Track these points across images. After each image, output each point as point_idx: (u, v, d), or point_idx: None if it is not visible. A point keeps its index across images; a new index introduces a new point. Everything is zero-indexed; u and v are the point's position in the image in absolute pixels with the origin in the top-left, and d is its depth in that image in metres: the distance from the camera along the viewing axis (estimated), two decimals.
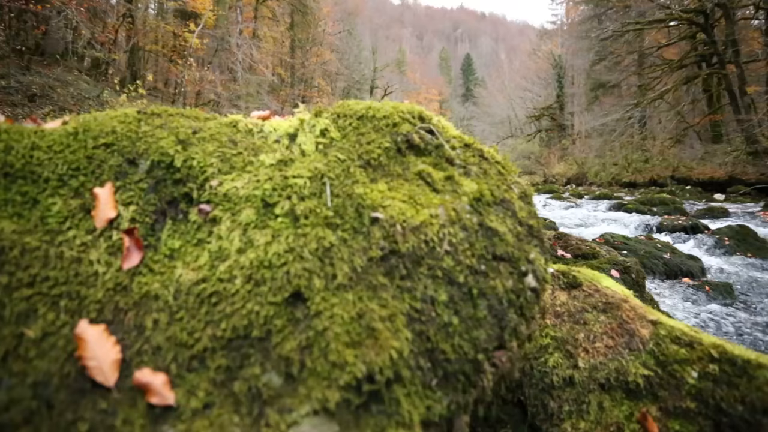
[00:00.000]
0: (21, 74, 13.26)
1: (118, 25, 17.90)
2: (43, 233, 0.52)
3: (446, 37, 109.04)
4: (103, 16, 18.41)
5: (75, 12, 9.06)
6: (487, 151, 0.72)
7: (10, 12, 10.81)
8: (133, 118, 0.67)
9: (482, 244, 0.57)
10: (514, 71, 47.91)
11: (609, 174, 23.35)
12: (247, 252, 0.52)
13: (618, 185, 21.81)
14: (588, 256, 2.55)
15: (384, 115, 0.68)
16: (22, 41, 13.36)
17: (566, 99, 34.44)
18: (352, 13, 42.37)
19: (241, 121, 0.71)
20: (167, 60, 20.81)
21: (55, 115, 12.95)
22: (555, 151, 33.81)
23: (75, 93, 14.71)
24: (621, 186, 21.42)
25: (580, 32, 30.96)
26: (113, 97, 15.23)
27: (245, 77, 24.68)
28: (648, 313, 0.87)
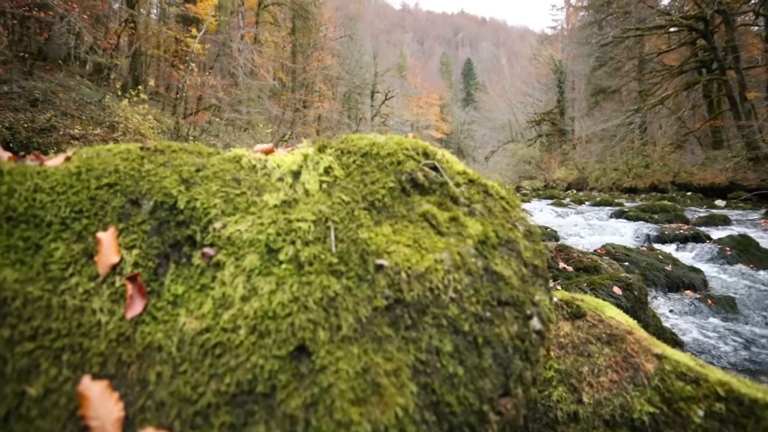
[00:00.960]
0: (23, 79, 13.31)
1: (120, 30, 17.97)
2: (45, 281, 0.52)
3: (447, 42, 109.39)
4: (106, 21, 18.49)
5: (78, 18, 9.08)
6: (491, 187, 0.72)
7: (14, 18, 10.86)
8: (136, 156, 0.66)
9: (487, 290, 0.56)
10: (515, 76, 48.01)
11: (610, 179, 23.34)
12: (251, 300, 0.52)
13: (619, 190, 21.81)
14: (589, 270, 2.54)
15: (388, 152, 0.68)
16: (24, 47, 13.44)
17: (567, 104, 34.51)
18: (353, 18, 42.53)
19: (244, 156, 0.71)
20: (169, 65, 20.89)
21: (57, 121, 12.99)
22: (555, 155, 33.84)
23: (77, 98, 14.75)
24: (622, 191, 21.42)
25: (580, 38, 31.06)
26: (115, 102, 15.29)
27: (246, 82, 24.76)
28: (653, 345, 0.86)
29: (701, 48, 19.83)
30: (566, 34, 38.57)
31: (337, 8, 39.07)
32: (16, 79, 12.91)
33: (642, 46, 24.54)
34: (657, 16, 21.74)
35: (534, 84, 40.58)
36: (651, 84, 22.40)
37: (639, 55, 24.23)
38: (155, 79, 20.47)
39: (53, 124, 12.91)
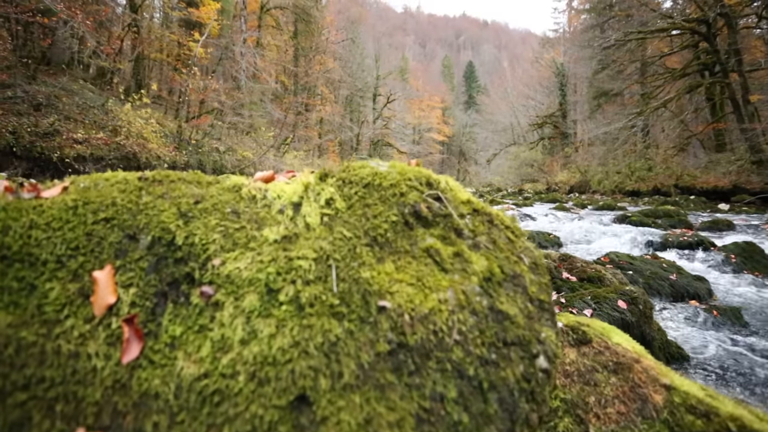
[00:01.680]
0: (27, 83, 13.36)
1: (123, 34, 18.05)
2: (40, 325, 0.50)
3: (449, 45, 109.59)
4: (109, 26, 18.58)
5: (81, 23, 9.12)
6: (496, 216, 0.70)
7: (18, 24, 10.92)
8: (134, 187, 0.65)
9: (493, 331, 0.55)
10: (517, 79, 48.01)
11: (612, 182, 23.30)
12: (250, 344, 0.50)
13: (621, 194, 21.76)
14: (593, 280, 2.52)
15: (390, 183, 0.66)
16: (28, 51, 13.50)
17: (569, 107, 34.47)
18: (355, 21, 42.63)
19: (244, 185, 0.69)
20: (172, 69, 20.96)
21: (60, 125, 13.04)
22: (558, 159, 33.80)
23: (80, 102, 14.81)
24: (624, 194, 21.37)
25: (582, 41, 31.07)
26: (118, 106, 15.34)
27: (249, 85, 24.82)
28: (661, 375, 0.84)
29: (704, 51, 19.79)
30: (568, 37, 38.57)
31: (339, 11, 39.20)
32: (19, 83, 12.97)
33: (644, 49, 24.52)
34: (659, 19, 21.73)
35: (536, 87, 40.58)
36: (653, 87, 22.38)
37: (641, 58, 24.21)
38: (158, 83, 20.54)
39: (57, 129, 12.96)
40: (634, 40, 21.95)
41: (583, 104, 32.11)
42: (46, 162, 12.34)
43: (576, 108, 33.49)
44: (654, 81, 22.37)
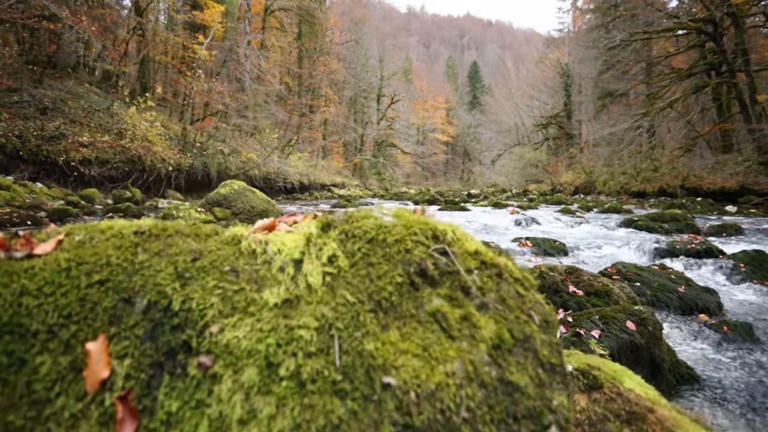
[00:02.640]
0: (33, 87, 13.45)
1: (128, 37, 18.13)
2: (29, 405, 0.48)
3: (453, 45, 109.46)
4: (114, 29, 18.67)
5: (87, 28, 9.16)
6: (504, 267, 0.68)
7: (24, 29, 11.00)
8: (131, 243, 0.63)
9: (502, 405, 0.52)
10: (521, 79, 47.87)
11: (617, 183, 23.16)
12: (249, 425, 0.48)
13: (627, 195, 21.63)
14: (600, 294, 2.48)
15: (395, 239, 0.64)
16: (35, 56, 13.58)
17: (573, 107, 34.32)
18: (359, 23, 42.64)
19: (243, 238, 0.67)
20: (176, 71, 21.03)
21: (66, 128, 13.11)
22: (562, 159, 33.66)
23: (86, 105, 14.89)
24: (630, 195, 21.23)
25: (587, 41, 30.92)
26: (123, 109, 15.41)
27: (253, 87, 24.86)
28: (676, 427, 0.81)
29: (710, 51, 19.63)
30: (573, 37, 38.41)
31: (343, 13, 39.24)
32: (26, 87, 13.04)
33: (650, 49, 24.36)
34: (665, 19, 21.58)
35: (540, 87, 40.45)
36: (659, 87, 22.22)
37: (647, 58, 24.06)
38: (163, 85, 20.62)
39: (62, 132, 13.03)
40: (640, 40, 21.81)
41: (588, 104, 31.96)
42: (52, 165, 12.41)
43: (581, 108, 33.34)
44: (660, 81, 22.21)
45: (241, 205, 5.44)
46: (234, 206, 5.36)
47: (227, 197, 5.38)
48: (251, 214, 5.47)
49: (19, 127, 11.83)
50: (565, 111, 35.34)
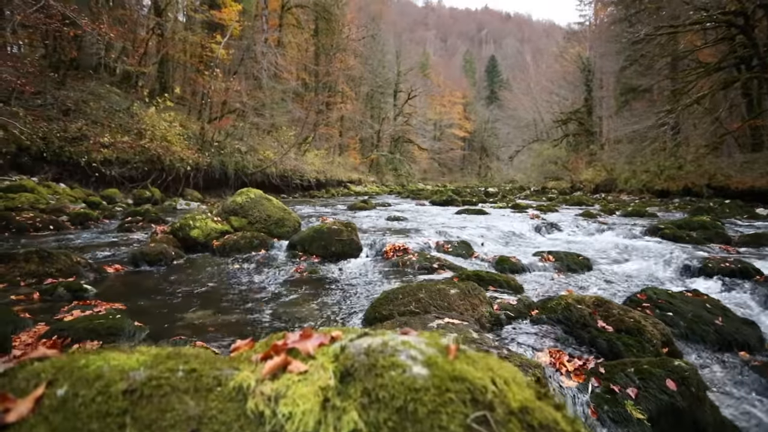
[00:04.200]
0: (56, 89, 13.68)
1: (147, 37, 18.31)
2: None
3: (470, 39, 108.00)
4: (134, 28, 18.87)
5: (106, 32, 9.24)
6: (553, 424, 0.56)
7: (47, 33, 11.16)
8: (118, 410, 0.54)
9: None
10: (540, 73, 46.99)
11: (640, 181, 22.56)
12: None
13: (649, 193, 21.05)
14: (632, 332, 2.33)
15: (428, 409, 0.53)
16: (58, 58, 13.79)
17: (594, 103, 33.52)
18: (375, 18, 42.33)
19: (250, 393, 0.57)
20: (194, 71, 21.18)
21: (88, 129, 13.31)
22: (583, 156, 32.95)
23: (106, 106, 15.10)
24: (653, 194, 20.66)
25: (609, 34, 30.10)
26: (143, 110, 15.58)
27: (270, 85, 24.89)
28: None
29: (740, 44, 18.86)
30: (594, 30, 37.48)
31: (359, 9, 38.99)
32: (49, 90, 13.26)
33: (676, 43, 23.56)
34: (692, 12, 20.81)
35: (560, 82, 39.60)
36: (685, 82, 21.47)
37: (672, 52, 23.27)
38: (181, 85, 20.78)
39: (84, 133, 13.23)
40: (666, 34, 21.09)
41: (609, 100, 31.18)
42: (75, 166, 12.62)
43: (602, 104, 32.55)
44: (686, 76, 21.45)
45: (257, 214, 5.39)
46: (250, 215, 5.31)
47: (243, 206, 5.33)
48: (267, 223, 5.42)
49: (43, 128, 12.04)
50: (585, 107, 34.54)
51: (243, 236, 4.90)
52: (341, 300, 3.05)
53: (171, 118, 15.58)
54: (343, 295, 3.17)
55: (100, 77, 16.54)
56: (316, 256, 4.57)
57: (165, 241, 4.68)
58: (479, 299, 2.52)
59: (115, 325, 2.17)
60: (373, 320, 2.38)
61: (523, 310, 2.72)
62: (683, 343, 2.56)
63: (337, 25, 31.91)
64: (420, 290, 2.44)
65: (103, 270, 3.84)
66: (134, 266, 4.11)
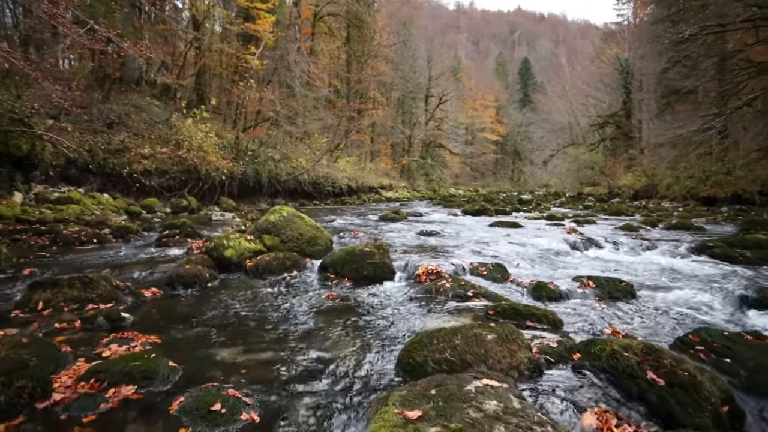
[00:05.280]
0: (101, 103, 14.33)
1: (186, 50, 18.93)
2: None
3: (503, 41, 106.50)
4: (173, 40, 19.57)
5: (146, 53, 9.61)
6: None
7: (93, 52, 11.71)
8: None
9: None
10: (576, 76, 45.76)
11: (683, 187, 21.55)
12: None
13: (694, 200, 20.08)
14: (686, 386, 2.15)
15: None
16: (104, 73, 14.43)
17: (633, 106, 32.30)
18: (406, 23, 42.36)
19: None
20: (229, 81, 21.74)
21: (129, 141, 13.86)
22: (621, 161, 31.79)
23: (147, 118, 15.70)
24: (697, 201, 19.70)
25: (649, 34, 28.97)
26: (180, 121, 16.11)
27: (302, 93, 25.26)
28: None
29: None
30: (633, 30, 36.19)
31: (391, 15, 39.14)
32: (95, 104, 13.88)
33: (723, 42, 22.40)
34: (742, 9, 19.71)
35: (597, 84, 38.40)
36: (734, 83, 20.36)
37: (720, 52, 22.13)
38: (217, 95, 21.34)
39: (126, 145, 13.79)
40: (712, 33, 20.08)
41: (650, 103, 29.94)
42: (117, 177, 13.16)
43: (642, 107, 31.30)
44: (735, 77, 20.33)
45: (289, 233, 5.43)
46: (283, 234, 5.36)
47: (276, 224, 5.38)
48: (299, 242, 5.46)
49: (89, 141, 12.62)
50: (623, 110, 33.31)
51: (276, 257, 4.93)
52: (374, 336, 2.99)
53: (207, 128, 16.02)
54: (376, 330, 3.11)
55: (141, 90, 17.24)
56: (348, 279, 4.53)
57: (200, 261, 4.76)
58: (517, 344, 2.40)
59: (149, 368, 2.18)
60: (407, 367, 2.30)
61: (564, 354, 2.57)
62: (745, 396, 2.36)
63: (368, 32, 32.12)
64: (455, 335, 2.34)
65: (140, 294, 3.93)
66: (170, 288, 4.19)
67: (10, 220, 8.32)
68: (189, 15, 19.71)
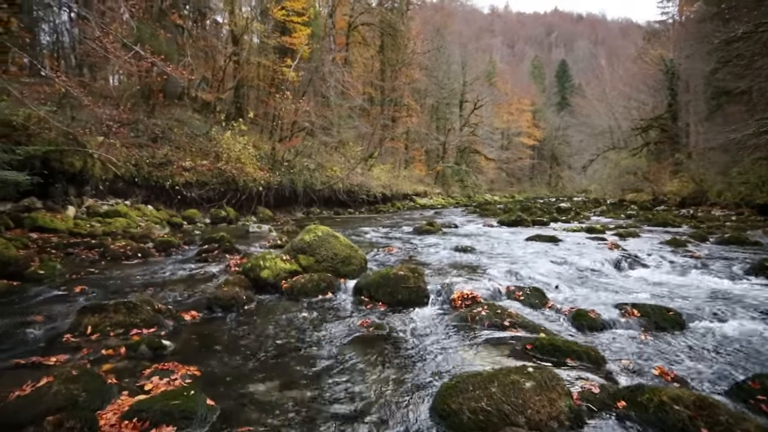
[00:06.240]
0: (146, 117, 15.00)
1: (225, 65, 19.58)
2: None
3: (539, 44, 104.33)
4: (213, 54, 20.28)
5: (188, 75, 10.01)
6: None
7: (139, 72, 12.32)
8: None
9: None
10: (616, 77, 44.20)
11: (737, 194, 20.32)
12: None
13: (748, 207, 18.89)
14: None
15: None
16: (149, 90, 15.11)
17: (680, 108, 30.83)
18: (440, 29, 42.23)
19: None
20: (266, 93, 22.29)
21: (172, 154, 14.42)
22: (666, 166, 30.36)
23: (188, 131, 16.32)
24: (752, 208, 18.53)
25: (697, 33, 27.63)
26: (219, 133, 16.64)
27: (337, 102, 25.58)
28: None
29: None
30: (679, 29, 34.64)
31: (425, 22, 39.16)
32: (141, 119, 14.54)
33: None
34: None
35: (639, 86, 36.90)
36: None
37: None
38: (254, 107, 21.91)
39: (169, 159, 14.34)
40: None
41: (698, 104, 28.50)
42: (160, 189, 13.71)
43: (689, 109, 29.83)
44: None
45: (324, 252, 5.48)
46: (318, 253, 5.41)
47: (311, 244, 5.43)
48: (334, 262, 5.50)
49: (135, 156, 13.23)
50: (669, 112, 31.85)
51: (310, 279, 4.97)
52: (409, 371, 2.95)
53: (245, 140, 16.48)
54: (411, 365, 3.07)
55: (183, 104, 17.94)
56: (382, 303, 4.52)
57: (237, 282, 4.86)
58: (557, 392, 2.30)
59: (188, 408, 2.23)
60: (443, 413, 2.25)
61: (607, 401, 2.45)
62: None
63: (402, 40, 32.23)
64: (492, 382, 2.27)
65: (180, 317, 4.05)
66: (209, 311, 4.30)
67: (64, 233, 8.80)
68: (228, 30, 20.39)
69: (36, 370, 2.89)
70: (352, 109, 28.18)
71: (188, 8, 19.84)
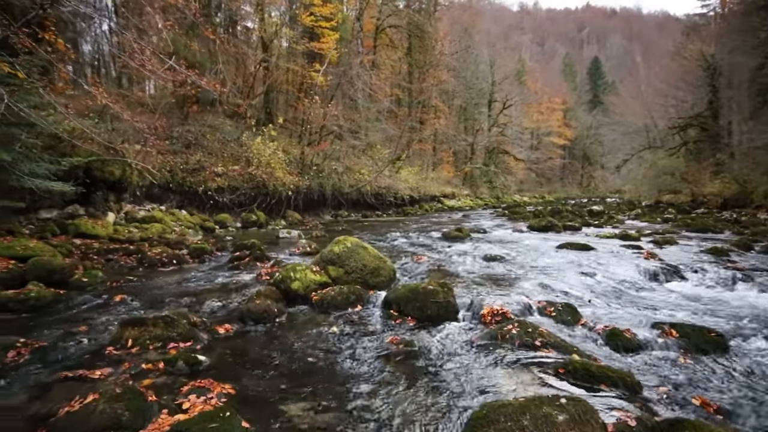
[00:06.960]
0: (180, 124, 15.48)
1: (255, 71, 19.98)
2: None
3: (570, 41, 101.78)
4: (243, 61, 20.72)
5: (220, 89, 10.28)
6: None
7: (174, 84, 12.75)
8: None
9: None
10: (653, 74, 42.67)
11: None
12: None
13: None
14: None
15: None
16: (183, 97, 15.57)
17: (722, 105, 29.46)
18: (468, 29, 41.81)
19: None
20: (295, 98, 22.62)
21: (204, 160, 14.83)
22: (706, 166, 29.05)
23: (220, 137, 16.73)
24: None
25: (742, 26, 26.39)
26: (250, 139, 17.00)
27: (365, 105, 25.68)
28: None
29: None
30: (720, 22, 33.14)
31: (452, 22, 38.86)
32: (176, 126, 15.01)
33: None
34: None
35: (677, 83, 35.44)
36: None
37: None
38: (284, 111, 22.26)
39: (202, 164, 14.74)
40: None
41: (741, 102, 27.19)
42: (193, 194, 14.11)
43: (732, 106, 28.49)
44: None
45: (353, 264, 5.54)
46: (347, 265, 5.47)
47: (340, 256, 5.50)
48: (363, 273, 5.55)
49: (170, 162, 13.67)
50: (709, 110, 30.47)
51: (340, 291, 5.03)
52: (439, 394, 2.94)
53: (275, 145, 16.77)
54: (440, 386, 3.07)
55: (216, 110, 18.41)
56: (411, 318, 4.52)
57: (268, 294, 4.96)
58: (591, 425, 2.25)
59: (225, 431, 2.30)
60: None
61: None
62: None
63: (429, 42, 32.11)
64: (524, 414, 2.25)
65: (215, 330, 4.17)
66: (242, 324, 4.42)
67: (105, 239, 9.19)
68: (258, 36, 20.80)
69: (83, 383, 3.04)
70: (379, 112, 28.25)
71: (220, 15, 20.37)
